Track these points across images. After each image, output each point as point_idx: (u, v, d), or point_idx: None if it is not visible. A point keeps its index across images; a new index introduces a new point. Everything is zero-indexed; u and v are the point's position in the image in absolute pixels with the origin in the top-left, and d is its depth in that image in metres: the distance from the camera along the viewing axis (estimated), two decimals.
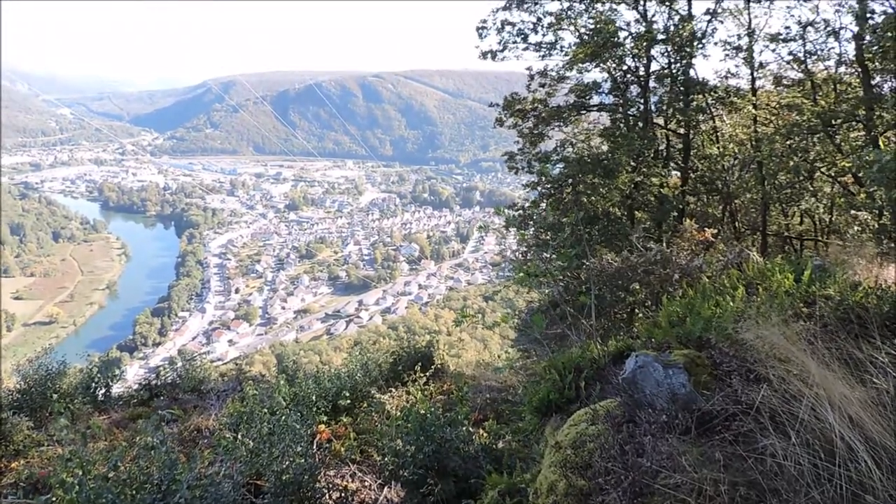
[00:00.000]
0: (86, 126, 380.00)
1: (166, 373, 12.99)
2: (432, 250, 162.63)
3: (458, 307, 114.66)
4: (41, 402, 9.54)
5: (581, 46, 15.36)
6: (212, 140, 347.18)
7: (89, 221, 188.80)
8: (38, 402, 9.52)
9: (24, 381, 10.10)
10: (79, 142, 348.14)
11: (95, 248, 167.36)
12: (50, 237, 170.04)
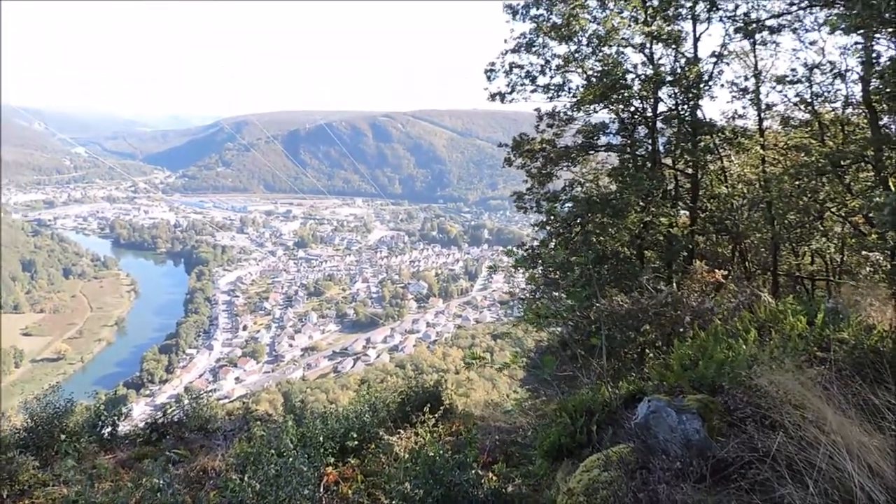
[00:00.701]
0: (99, 164, 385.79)
1: (172, 411, 12.90)
2: (440, 288, 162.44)
3: (467, 345, 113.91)
4: (48, 440, 9.48)
5: (589, 88, 15.57)
6: (223, 178, 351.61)
7: (100, 258, 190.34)
8: (44, 441, 9.46)
9: (30, 418, 10.05)
10: (92, 180, 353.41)
11: (105, 285, 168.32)
12: (61, 273, 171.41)
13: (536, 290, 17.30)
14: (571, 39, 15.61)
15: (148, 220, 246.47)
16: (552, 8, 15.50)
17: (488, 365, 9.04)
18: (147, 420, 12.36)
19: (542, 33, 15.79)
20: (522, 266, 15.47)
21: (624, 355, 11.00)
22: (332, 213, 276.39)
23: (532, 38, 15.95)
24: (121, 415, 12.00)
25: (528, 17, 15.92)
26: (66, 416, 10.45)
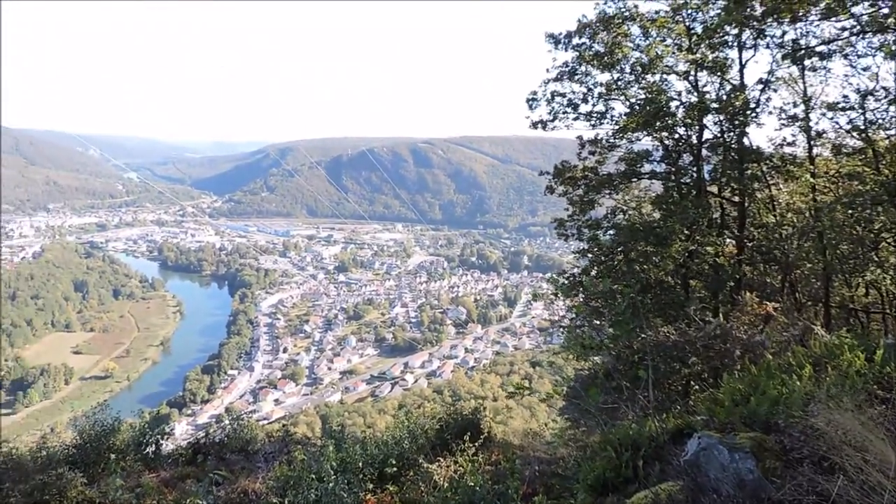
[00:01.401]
0: (150, 189, 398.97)
1: (214, 432, 13.04)
2: (479, 314, 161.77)
3: (505, 372, 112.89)
4: (95, 457, 9.65)
5: (632, 116, 15.48)
6: (267, 203, 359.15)
7: (148, 280, 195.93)
8: (91, 458, 9.63)
9: (79, 435, 10.26)
10: (143, 204, 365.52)
11: (152, 306, 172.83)
12: (111, 294, 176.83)
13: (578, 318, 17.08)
14: (614, 67, 15.59)
15: (194, 243, 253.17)
16: (595, 37, 15.53)
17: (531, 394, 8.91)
18: (189, 440, 12.52)
19: (585, 62, 15.81)
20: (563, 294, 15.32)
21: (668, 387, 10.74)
22: (373, 238, 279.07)
23: (574, 67, 15.98)
24: (164, 434, 12.18)
25: (570, 46, 15.98)
26: (113, 434, 10.64)
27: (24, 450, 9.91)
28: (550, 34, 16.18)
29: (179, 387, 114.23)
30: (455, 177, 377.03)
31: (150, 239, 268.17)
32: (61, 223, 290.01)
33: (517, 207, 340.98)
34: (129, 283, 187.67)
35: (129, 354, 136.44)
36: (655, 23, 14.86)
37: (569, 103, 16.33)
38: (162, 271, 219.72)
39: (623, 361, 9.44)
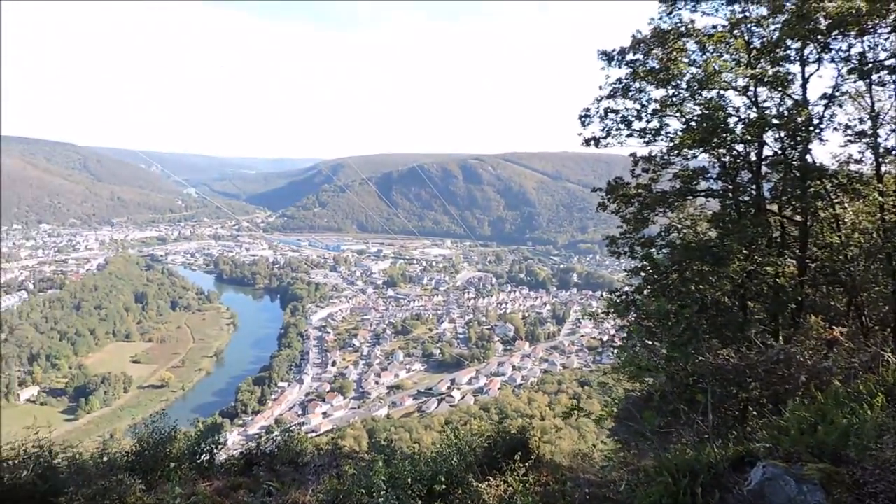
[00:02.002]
0: (208, 204, 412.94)
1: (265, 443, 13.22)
2: (527, 331, 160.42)
3: (553, 391, 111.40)
4: (153, 464, 9.91)
5: (687, 132, 15.15)
6: (319, 218, 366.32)
7: (204, 292, 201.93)
8: (150, 465, 9.89)
9: (138, 443, 10.55)
10: (201, 219, 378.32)
11: (208, 317, 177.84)
12: (168, 306, 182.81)
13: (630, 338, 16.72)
14: (669, 83, 15.32)
15: (249, 257, 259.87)
16: (649, 53, 15.31)
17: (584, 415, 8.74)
18: (242, 450, 12.74)
19: (639, 78, 15.60)
20: (617, 312, 15.04)
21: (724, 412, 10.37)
22: (422, 254, 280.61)
23: (628, 83, 15.78)
24: (218, 444, 12.41)
25: (623, 63, 15.80)
26: (170, 442, 10.90)
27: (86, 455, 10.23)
28: (603, 51, 16.06)
29: (232, 397, 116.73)
30: (504, 193, 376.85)
31: (206, 252, 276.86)
32: (124, 237, 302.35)
33: (567, 224, 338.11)
34: (186, 296, 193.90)
35: (184, 365, 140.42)
36: (713, 38, 14.57)
37: (622, 120, 16.12)
38: (217, 284, 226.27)
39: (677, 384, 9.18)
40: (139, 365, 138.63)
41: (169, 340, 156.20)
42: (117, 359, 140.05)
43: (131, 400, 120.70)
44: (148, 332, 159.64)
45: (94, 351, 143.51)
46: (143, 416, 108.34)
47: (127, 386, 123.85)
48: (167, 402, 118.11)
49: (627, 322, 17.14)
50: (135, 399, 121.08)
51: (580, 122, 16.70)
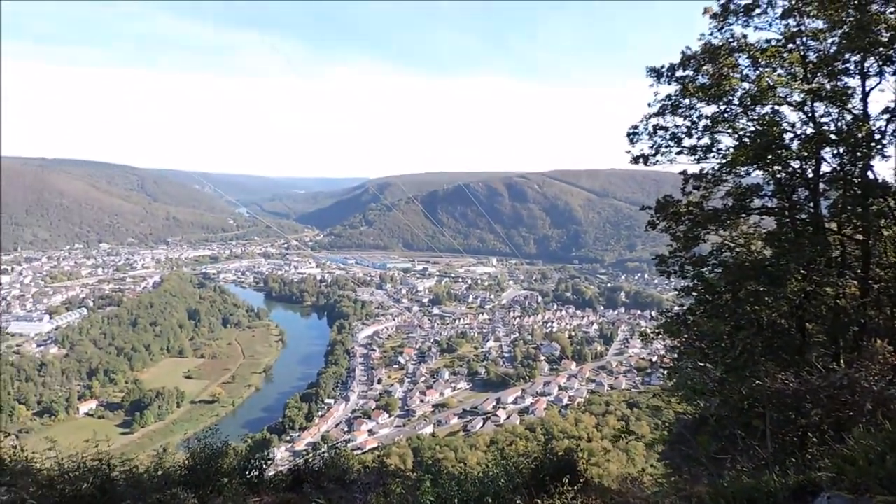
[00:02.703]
0: (258, 223, 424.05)
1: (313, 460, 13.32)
2: (574, 350, 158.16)
3: (600, 412, 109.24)
4: (205, 479, 10.09)
5: (740, 149, 14.77)
6: (366, 237, 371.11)
7: (254, 309, 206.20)
8: (202, 479, 10.06)
9: (191, 457, 10.76)
10: (251, 237, 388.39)
11: (257, 334, 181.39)
12: (220, 323, 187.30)
13: (681, 359, 16.29)
14: (721, 99, 15.03)
15: (297, 275, 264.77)
16: (699, 69, 15.06)
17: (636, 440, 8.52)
18: (290, 466, 12.87)
19: (689, 94, 15.34)
20: (667, 333, 14.71)
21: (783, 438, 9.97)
22: (467, 272, 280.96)
23: (678, 100, 15.54)
24: (267, 459, 12.57)
25: (673, 79, 15.57)
26: (222, 457, 11.09)
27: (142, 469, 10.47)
28: (652, 68, 15.87)
29: (280, 413, 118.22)
30: (550, 211, 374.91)
31: (256, 270, 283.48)
32: (179, 255, 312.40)
33: (614, 242, 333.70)
34: (236, 313, 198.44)
35: (234, 380, 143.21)
36: (766, 53, 14.24)
37: (672, 137, 15.86)
38: (267, 301, 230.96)
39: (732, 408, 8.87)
40: (191, 380, 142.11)
41: (220, 356, 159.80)
42: (171, 374, 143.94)
43: (184, 414, 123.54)
44: (200, 349, 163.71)
45: (149, 366, 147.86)
46: (194, 430, 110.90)
47: (180, 401, 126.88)
48: (218, 417, 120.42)
49: (678, 343, 16.75)
50: (187, 414, 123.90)
51: (628, 139, 16.53)
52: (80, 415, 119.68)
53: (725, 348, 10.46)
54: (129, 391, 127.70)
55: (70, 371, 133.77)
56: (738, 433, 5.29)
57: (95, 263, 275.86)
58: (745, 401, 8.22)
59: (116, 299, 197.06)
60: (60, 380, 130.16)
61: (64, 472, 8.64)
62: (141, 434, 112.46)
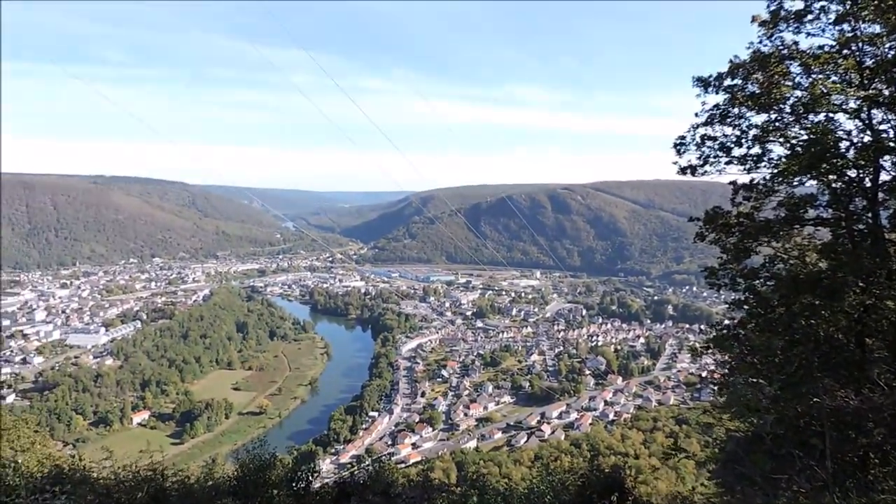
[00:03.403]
0: (304, 237, 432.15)
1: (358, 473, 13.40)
2: (620, 365, 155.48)
3: (648, 428, 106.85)
4: (253, 490, 10.26)
5: (793, 158, 14.36)
6: (409, 250, 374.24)
7: (300, 322, 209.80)
8: (250, 490, 10.24)
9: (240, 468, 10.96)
10: (297, 251, 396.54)
11: (303, 347, 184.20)
12: (267, 335, 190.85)
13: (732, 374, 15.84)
14: (771, 108, 14.66)
15: (342, 288, 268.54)
16: (748, 77, 14.73)
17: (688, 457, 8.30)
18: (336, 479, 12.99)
19: (738, 103, 15.02)
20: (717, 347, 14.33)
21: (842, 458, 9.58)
22: (511, 285, 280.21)
23: (726, 109, 15.21)
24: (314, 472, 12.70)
25: (721, 88, 15.28)
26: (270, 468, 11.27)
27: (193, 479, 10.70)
28: (699, 77, 15.59)
29: (325, 426, 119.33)
30: (594, 223, 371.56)
31: (302, 284, 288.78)
32: (228, 269, 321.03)
33: (661, 254, 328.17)
34: (283, 325, 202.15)
35: (280, 392, 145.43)
36: (819, 59, 13.85)
37: (720, 147, 15.52)
38: (312, 314, 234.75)
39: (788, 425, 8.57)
40: (239, 392, 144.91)
41: (267, 369, 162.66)
42: (220, 386, 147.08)
43: (232, 426, 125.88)
44: (248, 361, 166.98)
45: (199, 378, 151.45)
46: (242, 441, 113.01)
47: (228, 412, 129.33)
48: (264, 429, 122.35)
49: (729, 358, 16.29)
50: (235, 425, 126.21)
51: (675, 150, 16.24)
52: (133, 425, 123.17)
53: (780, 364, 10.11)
54: (179, 402, 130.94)
55: (124, 382, 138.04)
56: (795, 452, 5.09)
57: (149, 277, 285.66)
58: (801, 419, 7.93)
59: (168, 312, 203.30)
60: (115, 391, 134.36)
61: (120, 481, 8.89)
62: (191, 444, 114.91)
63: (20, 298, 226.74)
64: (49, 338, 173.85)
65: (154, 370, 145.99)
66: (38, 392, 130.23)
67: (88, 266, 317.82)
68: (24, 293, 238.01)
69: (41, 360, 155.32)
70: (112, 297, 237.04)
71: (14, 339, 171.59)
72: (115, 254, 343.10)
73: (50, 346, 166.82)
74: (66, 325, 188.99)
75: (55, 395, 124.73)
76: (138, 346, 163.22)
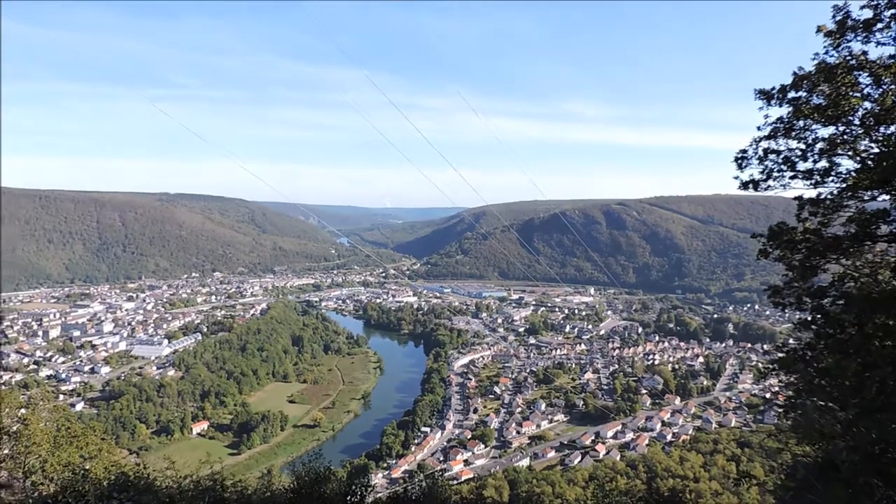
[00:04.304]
0: (358, 253, 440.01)
1: (412, 488, 13.43)
2: (678, 384, 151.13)
3: (708, 451, 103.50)
4: (308, 502, 10.41)
5: (863, 172, 13.79)
6: (461, 266, 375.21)
7: (353, 336, 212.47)
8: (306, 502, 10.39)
9: (296, 480, 11.14)
10: (352, 266, 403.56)
11: (356, 361, 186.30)
12: (322, 349, 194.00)
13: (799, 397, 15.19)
14: (839, 120, 14.14)
15: (395, 303, 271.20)
16: (814, 89, 14.27)
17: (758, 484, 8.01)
18: (389, 494, 13.04)
19: (803, 116, 14.55)
20: (783, 369, 13.79)
21: None
22: (564, 301, 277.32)
23: (791, 122, 14.75)
24: (367, 486, 12.80)
25: (784, 100, 14.84)
26: (325, 482, 11.40)
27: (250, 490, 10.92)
28: (761, 90, 15.18)
29: (377, 440, 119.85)
30: (650, 239, 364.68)
31: (356, 298, 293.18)
32: (284, 283, 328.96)
33: (720, 271, 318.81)
34: (337, 340, 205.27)
35: (334, 406, 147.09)
36: (890, 69, 13.31)
37: (784, 161, 15.02)
38: (365, 329, 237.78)
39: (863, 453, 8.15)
40: (294, 405, 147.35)
41: (321, 382, 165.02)
42: (275, 398, 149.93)
43: (287, 438, 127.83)
44: (303, 374, 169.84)
45: (255, 390, 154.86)
46: (297, 454, 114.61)
47: (283, 424, 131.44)
48: (318, 442, 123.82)
49: (797, 380, 15.67)
50: (290, 437, 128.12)
51: (736, 164, 15.81)
52: (193, 435, 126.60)
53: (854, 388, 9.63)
54: (237, 413, 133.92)
55: (185, 392, 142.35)
56: (873, 481, 4.84)
57: (209, 291, 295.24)
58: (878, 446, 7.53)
59: (227, 325, 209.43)
60: (176, 401, 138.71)
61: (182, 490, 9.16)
62: (248, 455, 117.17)
63: (90, 310, 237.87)
64: (116, 348, 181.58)
65: (213, 381, 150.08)
66: (105, 401, 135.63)
67: (153, 280, 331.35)
68: (94, 305, 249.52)
69: (108, 369, 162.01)
70: (175, 310, 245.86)
71: (84, 349, 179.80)
72: (178, 268, 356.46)
73: (116, 356, 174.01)
74: (131, 337, 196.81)
75: (120, 404, 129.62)
76: (199, 357, 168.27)
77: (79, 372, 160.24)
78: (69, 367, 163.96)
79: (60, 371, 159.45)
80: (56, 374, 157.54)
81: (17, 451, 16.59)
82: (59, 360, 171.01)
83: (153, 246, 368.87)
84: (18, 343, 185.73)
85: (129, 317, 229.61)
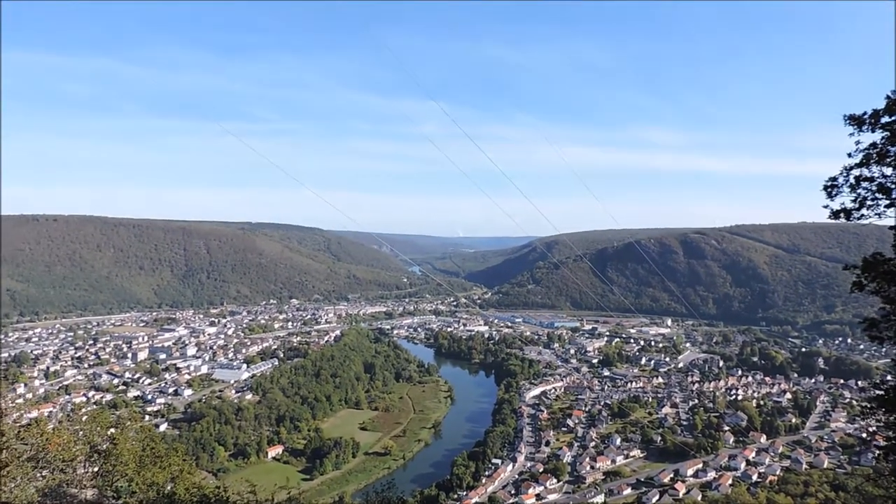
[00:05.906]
0: (429, 281, 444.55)
1: None
2: (763, 422, 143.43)
3: (798, 493, 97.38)
4: None
5: None
6: (533, 295, 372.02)
7: (424, 365, 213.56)
8: None
9: None
10: (423, 295, 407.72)
11: (427, 390, 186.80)
12: (393, 376, 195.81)
13: None
14: None
15: (465, 332, 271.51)
16: None
17: None
18: None
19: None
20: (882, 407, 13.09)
21: None
22: (639, 332, 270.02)
23: (885, 148, 14.20)
24: None
25: (877, 126, 14.32)
26: None
27: None
28: (851, 115, 14.70)
29: (447, 470, 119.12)
30: (731, 268, 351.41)
31: (427, 327, 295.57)
32: (357, 311, 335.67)
33: (808, 303, 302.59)
34: (408, 367, 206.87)
35: (405, 434, 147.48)
36: None
37: (879, 188, 14.40)
38: (436, 357, 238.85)
39: None
40: (366, 432, 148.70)
41: (392, 410, 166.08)
42: (348, 424, 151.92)
43: (358, 465, 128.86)
44: (375, 401, 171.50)
45: (328, 416, 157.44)
46: (367, 482, 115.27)
47: (355, 451, 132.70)
48: (389, 470, 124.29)
49: None
50: (361, 464, 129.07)
51: (826, 192, 15.28)
52: (268, 458, 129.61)
53: None
54: (310, 439, 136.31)
55: (262, 416, 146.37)
56: None
57: (286, 317, 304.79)
58: None
59: (303, 351, 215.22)
60: (253, 424, 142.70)
61: None
62: (320, 481, 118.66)
63: (175, 334, 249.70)
64: (198, 371, 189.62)
65: (288, 406, 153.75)
66: (187, 422, 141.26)
67: (234, 305, 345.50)
68: (179, 329, 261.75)
69: (190, 392, 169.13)
70: (253, 335, 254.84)
71: (168, 371, 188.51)
72: (258, 294, 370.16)
73: (198, 379, 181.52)
74: (213, 361, 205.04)
75: (201, 426, 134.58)
76: (275, 382, 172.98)
77: (163, 393, 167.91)
78: (154, 389, 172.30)
79: (147, 392, 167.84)
80: (143, 394, 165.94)
81: (106, 469, 17.67)
82: (145, 381, 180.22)
83: (235, 273, 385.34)
84: (110, 364, 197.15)
85: (210, 341, 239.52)
